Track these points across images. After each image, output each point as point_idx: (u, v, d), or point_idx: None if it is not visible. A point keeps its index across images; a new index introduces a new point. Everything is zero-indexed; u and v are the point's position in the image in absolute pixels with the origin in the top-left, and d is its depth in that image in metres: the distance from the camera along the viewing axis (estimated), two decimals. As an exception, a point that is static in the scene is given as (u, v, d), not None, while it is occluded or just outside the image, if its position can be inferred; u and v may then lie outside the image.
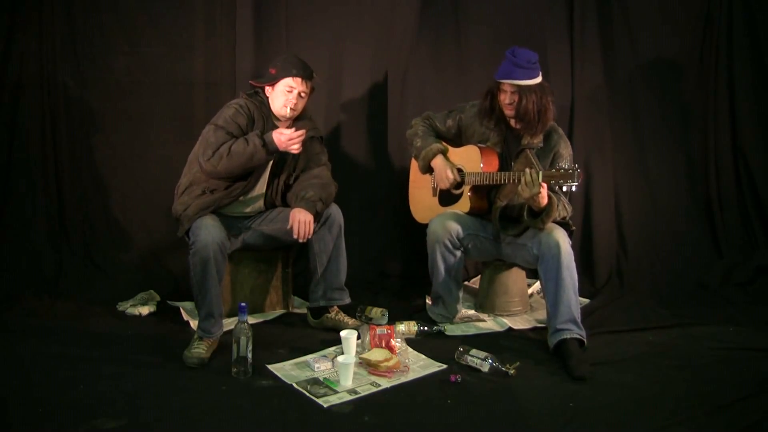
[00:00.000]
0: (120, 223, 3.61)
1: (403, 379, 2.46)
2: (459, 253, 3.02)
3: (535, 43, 3.59)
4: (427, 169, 3.17)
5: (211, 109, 3.04)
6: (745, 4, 3.68)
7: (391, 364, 2.49)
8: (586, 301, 3.35)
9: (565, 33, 3.74)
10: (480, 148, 2.99)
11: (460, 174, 3.05)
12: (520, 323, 3.11)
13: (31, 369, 2.49)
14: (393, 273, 3.82)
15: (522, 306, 3.26)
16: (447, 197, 3.16)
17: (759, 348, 2.75)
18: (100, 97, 3.54)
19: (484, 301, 3.27)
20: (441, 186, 3.13)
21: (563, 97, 3.68)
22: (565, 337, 2.64)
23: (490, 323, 3.11)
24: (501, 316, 3.19)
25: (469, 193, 3.02)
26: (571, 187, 2.55)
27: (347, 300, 3.01)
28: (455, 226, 2.97)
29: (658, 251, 3.76)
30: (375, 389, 2.37)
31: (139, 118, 3.59)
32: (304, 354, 2.66)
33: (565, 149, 2.95)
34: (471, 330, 3.02)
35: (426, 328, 2.91)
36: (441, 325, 2.98)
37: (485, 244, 3.05)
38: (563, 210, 2.88)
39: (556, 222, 2.85)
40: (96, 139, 3.57)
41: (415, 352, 2.68)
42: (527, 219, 2.82)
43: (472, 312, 3.24)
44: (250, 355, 2.45)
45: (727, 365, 2.58)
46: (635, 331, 2.96)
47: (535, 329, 3.04)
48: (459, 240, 2.98)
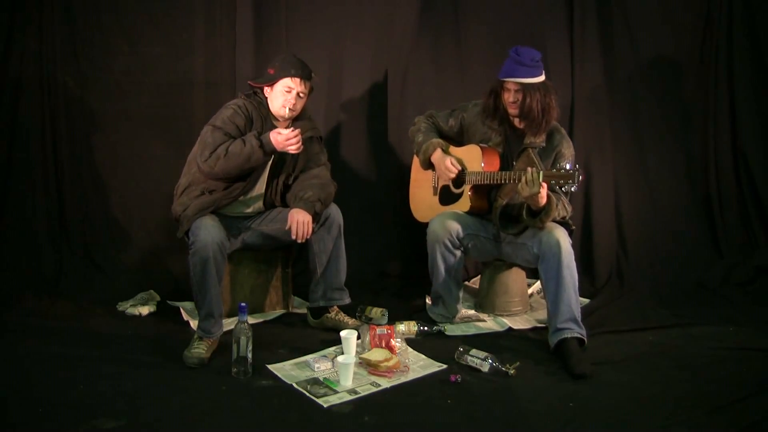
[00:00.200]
0: (120, 223, 3.61)
1: (403, 379, 2.46)
2: (459, 252, 3.02)
3: (535, 43, 3.59)
4: (428, 165, 3.17)
5: (211, 109, 3.04)
6: (745, 4, 3.68)
7: (391, 364, 2.49)
8: (586, 301, 3.35)
9: (565, 33, 3.74)
10: (481, 147, 2.99)
11: (461, 173, 3.06)
12: (520, 323, 3.11)
13: (31, 369, 2.49)
14: (393, 273, 3.82)
15: (522, 306, 3.26)
16: (447, 196, 3.16)
17: (759, 348, 2.74)
18: (100, 97, 3.54)
19: (484, 301, 3.27)
20: (443, 179, 3.13)
21: (563, 97, 3.67)
22: (565, 336, 2.64)
23: (490, 323, 3.11)
24: (501, 316, 3.19)
25: (470, 192, 3.02)
26: (571, 188, 2.56)
27: (347, 300, 3.01)
28: (455, 226, 2.97)
29: (658, 251, 3.76)
30: (375, 389, 2.37)
31: (139, 118, 3.59)
32: (304, 354, 2.66)
33: (567, 149, 2.95)
34: (471, 330, 3.02)
35: (426, 328, 2.91)
36: (441, 325, 2.98)
37: (485, 244, 3.05)
38: (563, 210, 2.88)
39: (555, 221, 2.85)
40: (96, 139, 3.57)
41: (415, 352, 2.68)
42: (526, 218, 2.82)
43: (472, 312, 3.24)
44: (250, 355, 2.45)
45: (727, 365, 2.58)
46: (635, 331, 2.96)
47: (535, 329, 3.04)
48: (459, 240, 2.98)
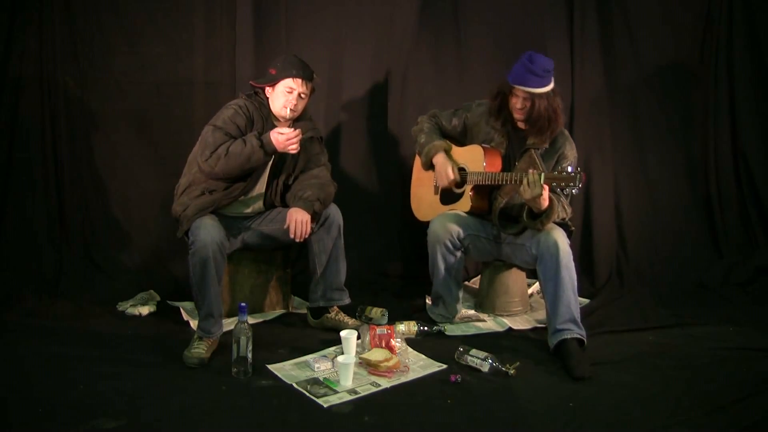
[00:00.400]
0: (120, 223, 3.61)
1: (403, 379, 2.46)
2: (459, 253, 3.02)
3: (535, 43, 3.60)
4: (429, 166, 3.17)
5: (211, 109, 3.04)
6: (745, 4, 3.68)
7: (391, 364, 2.49)
8: (586, 301, 3.35)
9: (565, 33, 3.74)
10: (484, 148, 2.99)
11: (462, 173, 3.06)
12: (520, 323, 3.11)
13: (31, 369, 2.49)
14: (393, 273, 3.82)
15: (522, 306, 3.26)
16: (448, 196, 3.16)
17: (759, 348, 2.74)
18: (100, 97, 3.54)
19: (484, 301, 3.27)
20: (441, 184, 3.13)
21: (563, 97, 3.65)
22: (565, 337, 2.64)
23: (490, 323, 3.11)
24: (501, 316, 3.19)
25: (471, 192, 3.02)
26: (573, 190, 2.55)
27: (347, 300, 3.01)
28: (456, 227, 2.97)
29: (658, 251, 3.76)
30: (375, 389, 2.37)
31: (139, 118, 3.58)
32: (304, 354, 2.66)
33: (570, 151, 2.95)
34: (471, 330, 3.02)
35: (426, 328, 2.91)
36: (441, 325, 2.98)
37: (485, 245, 3.05)
38: (563, 211, 2.87)
39: (555, 223, 2.85)
40: (96, 139, 3.57)
41: (415, 352, 2.68)
42: (526, 220, 2.82)
43: (472, 312, 3.24)
44: (250, 355, 2.45)
45: (727, 365, 2.58)
46: (635, 331, 2.96)
47: (535, 329, 3.04)
48: (459, 240, 2.98)
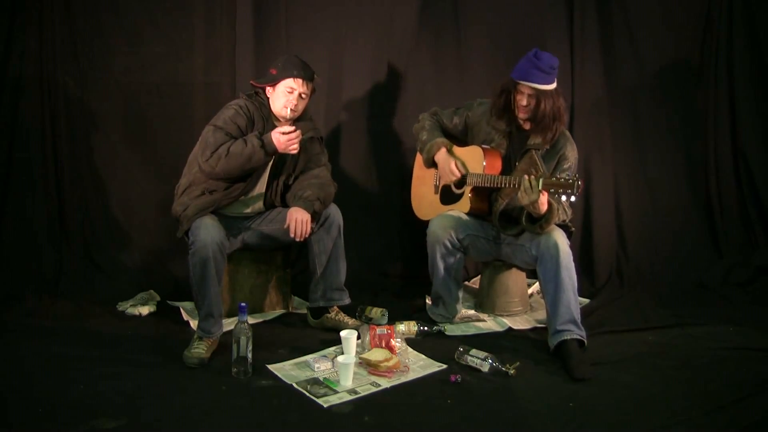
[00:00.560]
0: (120, 223, 3.61)
1: (403, 379, 2.46)
2: (459, 253, 3.02)
3: (535, 42, 3.58)
4: (431, 163, 3.17)
5: (211, 109, 3.04)
6: (745, 4, 3.68)
7: (391, 364, 2.49)
8: (586, 301, 3.36)
9: (565, 33, 3.74)
10: (483, 149, 2.99)
11: (462, 173, 3.05)
12: (520, 323, 3.11)
13: (31, 369, 2.49)
14: (393, 273, 3.82)
15: (522, 306, 3.26)
16: (448, 196, 3.15)
17: (759, 348, 2.74)
18: (100, 97, 3.54)
19: (484, 301, 3.27)
20: (444, 180, 3.13)
21: (564, 98, 3.67)
22: (565, 338, 2.64)
23: (490, 323, 3.11)
24: (501, 316, 3.19)
25: (470, 193, 3.02)
26: (571, 197, 2.50)
27: (347, 300, 3.01)
28: (455, 228, 2.97)
29: (658, 251, 3.76)
30: (375, 389, 2.37)
31: (139, 118, 3.58)
32: (304, 354, 2.66)
33: (571, 152, 2.94)
34: (471, 330, 3.02)
35: (426, 328, 2.91)
36: (441, 325, 2.98)
37: (485, 245, 3.05)
38: (563, 213, 2.85)
39: (555, 224, 2.83)
40: (96, 139, 3.57)
41: (415, 352, 2.68)
42: (525, 224, 2.81)
43: (472, 312, 3.24)
44: (250, 355, 2.45)
45: (727, 365, 2.58)
46: (635, 331, 2.96)
47: (535, 329, 3.04)
48: (459, 241, 2.98)
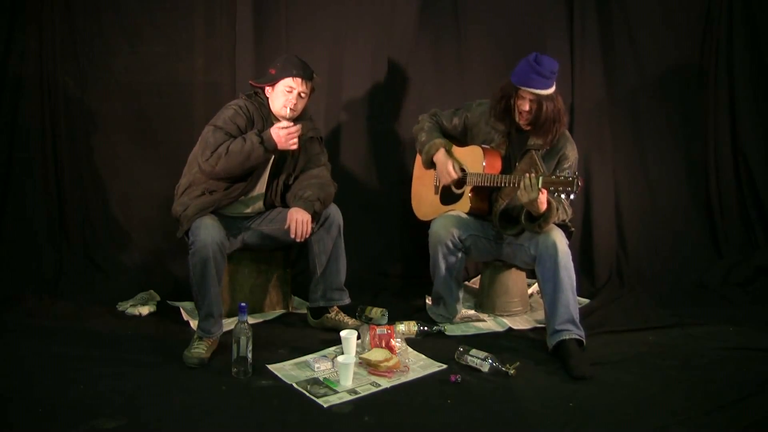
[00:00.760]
0: (120, 223, 3.61)
1: (403, 379, 2.46)
2: (460, 253, 3.02)
3: (535, 42, 3.60)
4: (430, 164, 3.17)
5: (211, 109, 3.04)
6: (745, 4, 3.68)
7: (391, 364, 2.49)
8: (586, 301, 3.36)
9: (565, 33, 3.74)
10: (483, 149, 2.99)
11: (462, 174, 3.05)
12: (520, 323, 3.11)
13: (31, 369, 2.49)
14: (393, 273, 3.81)
15: (522, 306, 3.26)
16: (448, 196, 3.16)
17: (759, 348, 2.75)
18: (100, 97, 3.54)
19: (484, 301, 3.27)
20: (443, 181, 3.13)
21: (563, 98, 3.65)
22: (564, 338, 2.64)
23: (490, 323, 3.11)
24: (501, 316, 3.19)
25: (470, 193, 3.02)
26: (570, 195, 2.51)
27: (347, 300, 3.01)
28: (456, 228, 2.97)
29: (658, 251, 3.76)
30: (375, 389, 2.37)
31: (139, 118, 3.58)
32: (304, 354, 2.66)
33: (571, 152, 2.94)
34: (471, 330, 3.02)
35: (426, 328, 2.91)
36: (441, 325, 2.98)
37: (486, 245, 3.05)
38: (563, 213, 2.86)
39: (555, 224, 2.83)
40: (96, 139, 3.57)
41: (415, 352, 2.69)
42: (525, 223, 2.81)
43: (472, 312, 3.25)
44: (250, 355, 2.45)
45: (727, 365, 2.58)
46: (635, 331, 2.96)
47: (535, 329, 3.04)
48: (460, 241, 2.98)
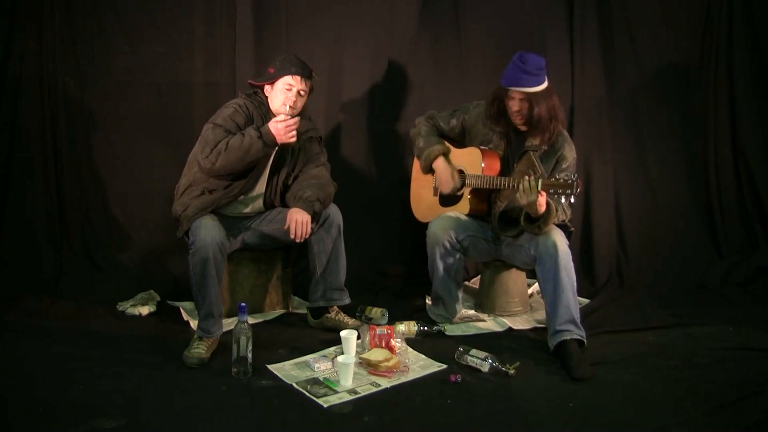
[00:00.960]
0: (120, 223, 3.60)
1: (403, 379, 2.46)
2: (458, 254, 3.02)
3: (535, 43, 3.60)
4: (429, 170, 3.17)
5: (211, 109, 3.04)
6: (745, 4, 3.68)
7: (391, 364, 2.49)
8: (586, 301, 3.36)
9: (565, 33, 3.73)
10: (482, 150, 2.99)
11: (461, 175, 3.06)
12: (520, 323, 3.11)
13: (31, 369, 2.49)
14: (393, 273, 3.81)
15: (522, 306, 3.26)
16: (447, 197, 3.15)
17: (759, 348, 2.75)
18: (100, 97, 3.54)
19: (484, 301, 3.27)
20: (442, 190, 3.13)
21: (563, 98, 3.66)
22: (564, 338, 2.64)
23: (490, 323, 3.11)
24: (501, 316, 3.19)
25: (469, 195, 3.02)
26: (570, 197, 2.51)
27: (347, 300, 3.01)
28: (454, 229, 2.97)
29: (658, 251, 3.76)
30: (375, 389, 2.37)
31: (139, 118, 3.58)
32: (304, 354, 2.66)
33: (569, 152, 2.94)
34: (471, 330, 3.02)
35: (426, 328, 2.91)
36: (441, 325, 2.98)
37: (484, 246, 3.05)
38: (562, 213, 2.85)
39: (554, 224, 2.83)
40: (96, 139, 3.57)
41: (415, 352, 2.69)
42: (524, 224, 2.80)
43: (472, 312, 3.25)
44: (250, 355, 2.45)
45: (727, 365, 2.58)
46: (635, 331, 2.96)
47: (535, 329, 3.04)
48: (458, 242, 2.98)
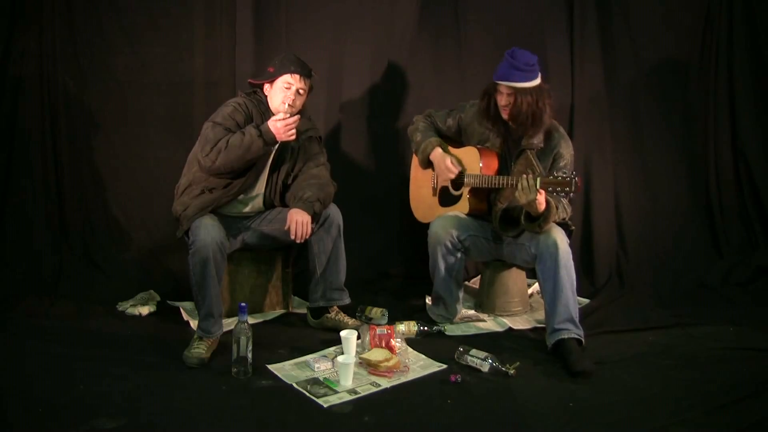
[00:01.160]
0: (120, 223, 3.61)
1: (403, 379, 2.46)
2: (459, 254, 3.02)
3: (535, 43, 3.59)
4: (426, 163, 3.17)
5: (211, 109, 3.04)
6: (745, 4, 3.68)
7: (391, 364, 2.49)
8: (586, 301, 3.35)
9: (565, 33, 3.74)
10: (479, 149, 2.99)
11: (460, 174, 3.05)
12: (520, 323, 3.11)
13: (31, 369, 2.49)
14: (393, 273, 3.81)
15: (522, 306, 3.26)
16: (447, 197, 3.15)
17: (759, 348, 2.75)
18: (100, 97, 3.54)
19: (484, 301, 3.27)
20: (442, 178, 3.12)
21: (563, 97, 3.68)
22: (563, 336, 2.64)
23: (490, 323, 3.11)
24: (501, 316, 3.19)
25: (468, 195, 3.02)
26: (569, 195, 2.52)
27: (347, 300, 3.01)
28: (456, 228, 2.97)
29: (658, 251, 3.76)
30: (375, 389, 2.37)
31: (139, 118, 3.58)
32: (304, 354, 2.66)
33: (566, 149, 2.94)
34: (471, 330, 3.02)
35: (426, 328, 2.91)
36: (441, 325, 2.99)
37: (485, 245, 3.05)
38: (563, 212, 2.86)
39: (555, 222, 2.84)
40: (96, 139, 3.57)
41: (415, 352, 2.69)
42: (524, 223, 2.81)
43: (472, 312, 3.25)
44: (250, 355, 2.45)
45: (727, 365, 2.58)
46: (635, 331, 2.96)
47: (535, 329, 3.04)
48: (459, 241, 2.99)
